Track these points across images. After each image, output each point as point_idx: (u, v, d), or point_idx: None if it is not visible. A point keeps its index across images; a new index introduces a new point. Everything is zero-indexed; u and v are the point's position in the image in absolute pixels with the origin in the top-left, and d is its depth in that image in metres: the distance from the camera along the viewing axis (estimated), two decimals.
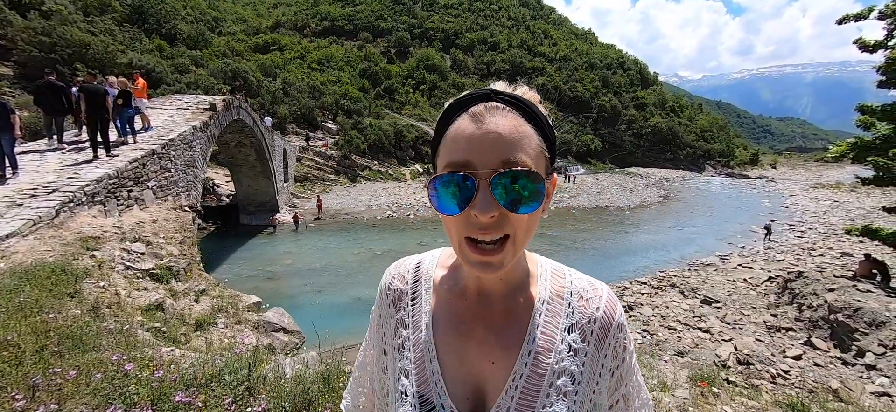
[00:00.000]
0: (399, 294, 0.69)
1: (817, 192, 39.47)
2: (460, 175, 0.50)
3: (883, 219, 16.49)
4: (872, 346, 7.54)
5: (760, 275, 13.27)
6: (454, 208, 0.51)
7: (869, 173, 11.75)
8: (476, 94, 0.54)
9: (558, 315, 0.61)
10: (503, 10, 78.46)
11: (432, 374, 0.60)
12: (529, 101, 0.54)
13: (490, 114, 0.51)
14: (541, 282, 0.64)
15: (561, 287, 0.63)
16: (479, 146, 0.50)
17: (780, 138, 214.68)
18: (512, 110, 0.52)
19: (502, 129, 0.50)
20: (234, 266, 14.82)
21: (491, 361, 0.59)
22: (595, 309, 0.61)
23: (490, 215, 0.49)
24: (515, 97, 0.53)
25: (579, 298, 0.62)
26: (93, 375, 2.31)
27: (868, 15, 10.87)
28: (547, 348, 0.58)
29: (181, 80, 30.30)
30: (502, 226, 0.50)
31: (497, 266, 0.52)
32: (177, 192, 9.82)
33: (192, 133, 11.01)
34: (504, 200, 0.49)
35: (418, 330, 0.65)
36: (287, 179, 25.57)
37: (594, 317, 0.61)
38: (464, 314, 0.62)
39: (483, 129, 0.50)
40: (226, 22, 52.17)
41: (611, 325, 0.61)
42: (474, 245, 0.51)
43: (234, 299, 5.79)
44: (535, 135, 0.52)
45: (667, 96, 79.51)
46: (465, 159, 0.50)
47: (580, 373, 0.58)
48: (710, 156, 69.24)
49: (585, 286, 0.64)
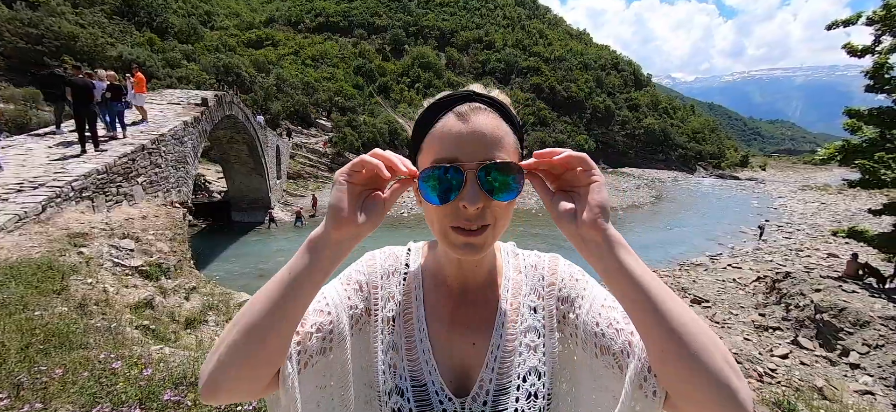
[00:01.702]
0: (393, 270, 0.72)
1: (805, 194, 40.16)
2: (451, 168, 0.54)
3: (868, 221, 16.84)
4: (856, 346, 7.70)
5: (749, 275, 13.46)
6: (442, 199, 0.55)
7: (856, 176, 11.97)
8: (458, 95, 0.59)
9: (520, 286, 0.70)
10: (499, 10, 78.45)
11: (423, 353, 0.65)
12: (505, 103, 0.61)
13: (474, 113, 0.56)
14: (504, 264, 0.72)
15: (518, 263, 0.73)
16: (466, 142, 0.55)
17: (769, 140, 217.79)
18: (492, 110, 0.58)
19: (486, 127, 0.56)
20: (226, 263, 14.68)
21: (472, 343, 0.66)
22: (543, 270, 0.72)
23: (477, 206, 0.54)
24: (494, 99, 0.59)
25: (533, 269, 0.72)
26: (79, 374, 2.27)
27: (856, 20, 11.07)
28: (514, 317, 0.68)
29: (172, 74, 29.85)
30: (484, 216, 0.56)
31: (479, 247, 0.57)
32: (167, 189, 9.69)
33: (184, 129, 10.86)
34: (488, 190, 0.54)
35: (407, 309, 0.69)
36: (280, 176, 25.36)
37: (543, 276, 0.71)
38: (447, 303, 0.69)
39: (470, 127, 0.56)
40: (218, 16, 51.47)
41: (556, 276, 0.70)
42: (459, 230, 0.57)
43: (226, 297, 5.73)
44: (511, 132, 0.59)
45: (660, 98, 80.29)
46: (453, 155, 0.55)
47: (542, 325, 0.68)
48: (702, 157, 70.15)
49: (533, 259, 0.74)
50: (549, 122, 57.35)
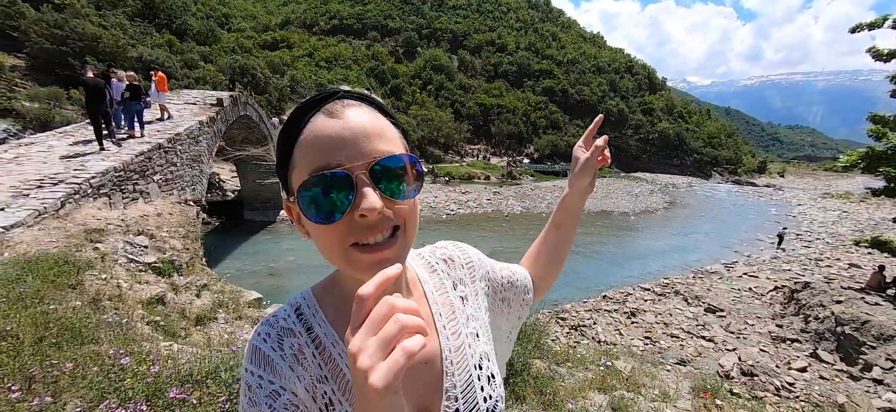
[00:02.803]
0: (298, 349, 0.56)
1: (826, 202, 38.98)
2: (336, 173, 0.46)
3: (892, 231, 16.24)
4: (880, 360, 7.40)
5: (766, 284, 13.10)
6: (333, 216, 0.47)
7: (880, 184, 11.56)
8: (324, 94, 0.52)
9: (442, 284, 0.68)
10: (512, 12, 78.31)
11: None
12: (376, 98, 0.55)
13: (348, 109, 0.49)
14: (416, 269, 0.68)
15: (426, 263, 0.71)
16: (345, 142, 0.47)
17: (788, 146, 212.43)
18: (365, 104, 0.52)
19: (365, 121, 0.49)
20: (237, 261, 14.89)
21: (423, 363, 0.59)
22: (454, 260, 0.72)
23: (378, 211, 0.46)
24: (364, 93, 0.54)
25: (443, 263, 0.71)
26: (89, 368, 2.30)
27: (882, 24, 10.71)
28: (452, 314, 0.66)
29: (190, 75, 30.51)
30: (390, 221, 0.49)
31: (394, 260, 0.48)
32: (182, 187, 9.87)
33: (199, 128, 11.07)
34: (386, 190, 0.48)
35: (340, 378, 0.55)
36: None
37: (461, 264, 0.72)
38: None
39: (343, 123, 0.48)
40: (235, 18, 52.52)
41: (471, 261, 0.74)
42: (363, 248, 0.48)
43: (236, 295, 5.79)
44: (392, 126, 0.53)
45: (675, 102, 78.96)
46: (336, 160, 0.47)
47: (474, 309, 0.69)
48: (718, 162, 68.66)
49: (441, 252, 0.73)
50: (562, 126, 56.88)
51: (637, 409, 2.75)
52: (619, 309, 11.10)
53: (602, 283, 14.06)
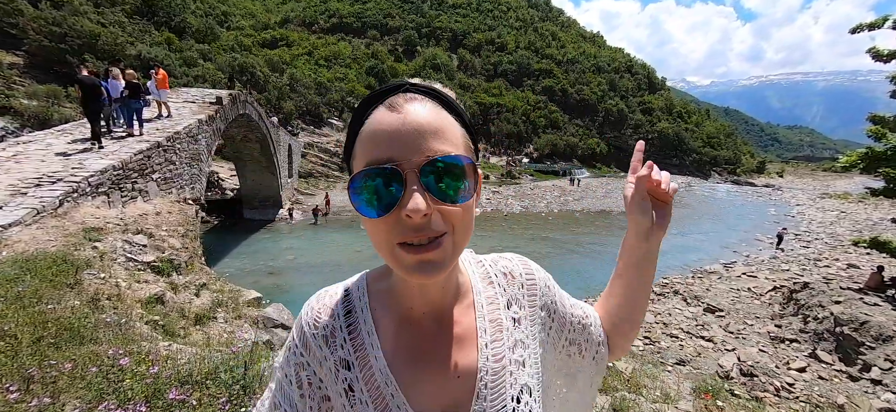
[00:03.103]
0: (331, 330, 0.58)
1: (824, 202, 39.06)
2: (386, 168, 0.45)
3: (891, 231, 16.27)
4: (879, 361, 7.42)
5: (765, 284, 13.12)
6: (380, 210, 0.46)
7: (879, 184, 11.57)
8: (390, 86, 0.50)
9: (495, 299, 0.63)
10: (511, 11, 78.26)
11: (399, 409, 0.54)
12: (446, 93, 0.52)
13: (409, 103, 0.48)
14: (471, 277, 0.64)
15: (485, 272, 0.66)
16: (401, 138, 0.46)
17: (787, 146, 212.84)
18: (430, 100, 0.50)
19: (424, 117, 0.47)
20: (236, 260, 14.87)
21: (456, 377, 0.57)
22: (518, 277, 0.66)
23: (422, 213, 0.44)
24: (433, 88, 0.51)
25: (503, 276, 0.65)
26: (88, 369, 2.29)
27: (882, 24, 10.71)
28: (498, 333, 0.60)
29: (189, 73, 30.43)
30: (436, 224, 0.46)
31: (438, 264, 0.47)
32: (181, 185, 9.84)
33: (198, 126, 11.03)
34: (436, 192, 0.46)
35: (366, 366, 0.56)
36: (291, 175, 25.63)
37: (521, 283, 0.65)
38: (415, 340, 0.57)
39: (403, 117, 0.46)
40: (234, 16, 52.40)
41: (534, 283, 0.66)
42: (409, 247, 0.47)
43: (235, 294, 5.78)
44: (457, 124, 0.50)
45: (674, 101, 79.03)
46: (387, 155, 0.46)
47: (526, 336, 0.62)
48: (717, 162, 68.78)
49: (503, 264, 0.67)
50: (561, 125, 56.89)
51: (639, 410, 2.74)
52: None
53: (602, 283, 14.00)
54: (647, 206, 0.67)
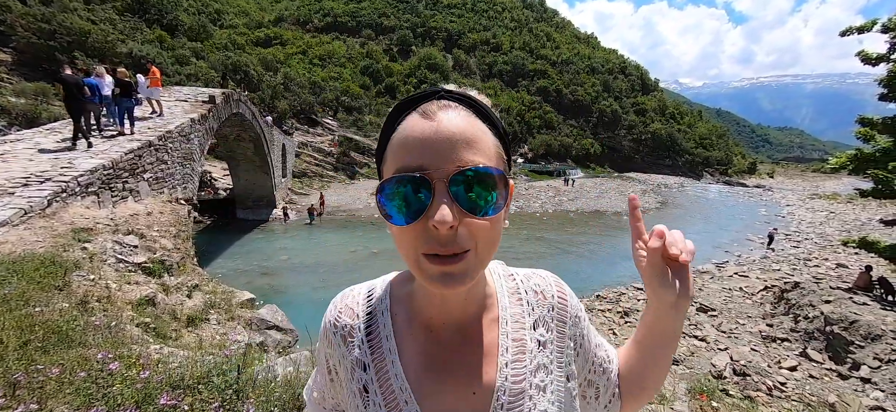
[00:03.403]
0: (349, 330, 0.59)
1: (814, 203, 39.63)
2: (414, 177, 0.45)
3: (879, 231, 16.55)
4: (868, 360, 7.53)
5: (757, 284, 13.26)
6: (407, 218, 0.46)
7: (867, 185, 11.75)
8: (425, 92, 0.50)
9: (521, 317, 0.60)
10: (506, 12, 78.43)
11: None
12: (482, 101, 0.51)
13: (443, 111, 0.47)
14: (498, 290, 0.61)
15: (515, 287, 0.63)
16: (433, 145, 0.45)
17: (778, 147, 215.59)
18: (465, 108, 0.49)
19: (457, 126, 0.46)
20: (229, 261, 14.73)
21: (472, 392, 0.55)
22: (550, 297, 0.63)
23: (449, 225, 0.44)
24: (468, 95, 0.50)
25: (534, 294, 0.62)
26: (76, 373, 2.24)
27: (871, 28, 10.88)
28: (520, 354, 0.58)
29: (181, 71, 30.11)
30: (462, 239, 0.45)
31: (460, 277, 0.46)
32: (173, 185, 9.73)
33: (191, 125, 10.91)
34: (464, 203, 0.45)
35: (382, 371, 0.56)
36: (285, 175, 25.46)
37: (552, 305, 0.62)
38: (433, 349, 0.56)
39: (436, 125, 0.46)
40: (228, 14, 51.94)
41: (566, 309, 0.63)
42: (433, 257, 0.46)
43: (228, 295, 5.71)
44: (491, 134, 0.49)
45: (667, 103, 79.72)
46: (417, 163, 0.45)
47: (551, 362, 0.59)
48: (709, 163, 69.51)
49: (536, 280, 0.64)
50: (556, 126, 57.12)
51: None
52: (612, 308, 11.17)
53: (596, 283, 14.14)
54: (667, 277, 0.57)
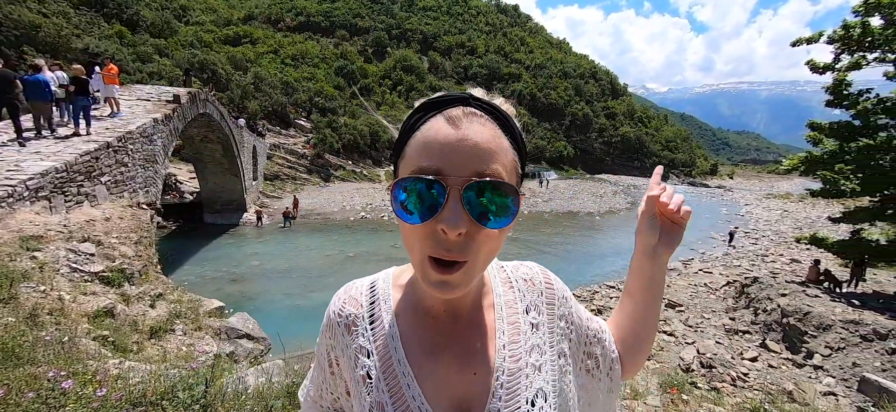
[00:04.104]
0: (353, 319, 0.62)
1: (769, 202, 42.16)
2: (430, 180, 0.46)
3: (827, 228, 17.78)
4: (820, 348, 8.05)
5: (719, 279, 13.94)
6: (418, 217, 0.47)
7: (817, 186, 12.60)
8: (453, 97, 0.50)
9: (514, 303, 0.64)
10: (481, 16, 79.20)
11: (413, 400, 0.55)
12: (507, 113, 0.52)
13: (468, 119, 0.48)
14: (492, 281, 0.65)
15: (506, 277, 0.67)
16: (453, 152, 0.46)
17: (736, 150, 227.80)
18: (490, 119, 0.49)
19: (480, 137, 0.47)
20: (197, 268, 14.09)
21: (473, 373, 0.58)
22: (538, 284, 0.67)
23: (458, 231, 0.45)
24: (495, 106, 0.51)
25: (523, 282, 0.66)
26: (24, 394, 2.06)
27: (818, 39, 11.68)
28: (516, 336, 0.61)
29: (143, 69, 28.64)
30: (467, 249, 0.47)
31: (455, 286, 0.49)
32: (134, 189, 9.21)
33: (153, 126, 10.38)
34: (474, 212, 0.46)
35: (385, 357, 0.59)
36: (256, 178, 24.66)
37: (541, 290, 0.66)
38: (434, 335, 0.59)
39: (460, 134, 0.47)
40: (194, 11, 49.83)
41: (553, 292, 0.67)
42: (436, 263, 0.48)
43: (195, 304, 5.45)
44: (511, 148, 0.51)
45: (635, 107, 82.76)
46: (436, 166, 0.46)
47: (544, 342, 0.63)
48: (675, 165, 72.71)
49: (523, 270, 0.68)
50: (530, 129, 58.14)
51: None
52: (586, 306, 11.43)
53: (570, 282, 14.32)
54: (656, 224, 0.67)
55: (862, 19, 10.61)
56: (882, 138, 11.18)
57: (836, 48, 11.32)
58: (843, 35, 10.91)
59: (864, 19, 10.59)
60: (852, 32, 10.69)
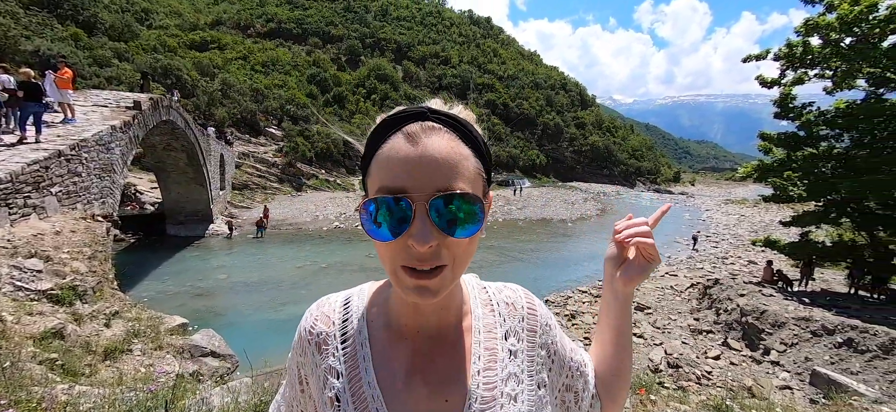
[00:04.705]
0: (324, 337, 0.60)
1: (728, 207, 44.64)
2: (400, 199, 0.47)
3: (779, 231, 19.01)
4: (776, 345, 8.54)
5: (684, 282, 14.56)
6: (388, 234, 0.48)
7: (769, 192, 13.47)
8: (411, 112, 0.50)
9: (493, 327, 0.62)
10: (455, 27, 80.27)
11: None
12: (466, 121, 0.52)
13: (426, 134, 0.48)
14: (472, 301, 0.64)
15: (487, 299, 0.65)
16: (415, 169, 0.47)
17: (697, 159, 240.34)
18: (449, 131, 0.50)
19: (439, 151, 0.48)
20: (158, 283, 13.35)
21: (444, 400, 0.56)
22: (520, 309, 0.65)
23: (428, 245, 0.46)
24: (452, 117, 0.51)
25: (505, 305, 0.65)
26: None
27: (766, 56, 12.60)
28: (492, 362, 0.59)
29: (101, 74, 27.15)
30: (440, 256, 0.48)
31: (434, 291, 0.49)
32: (89, 200, 8.66)
33: (111, 133, 9.83)
34: (443, 225, 0.47)
35: (355, 378, 0.57)
36: (223, 187, 23.75)
37: (522, 316, 0.64)
38: (407, 356, 0.58)
39: (419, 150, 0.47)
40: (157, 14, 47.80)
41: (536, 318, 0.65)
42: (411, 271, 0.48)
43: (155, 321, 5.15)
44: (473, 156, 0.50)
45: (603, 117, 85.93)
46: (400, 184, 0.47)
47: (522, 371, 0.61)
48: (641, 173, 75.89)
49: (507, 293, 0.66)
50: (504, 138, 59.14)
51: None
52: (560, 312, 11.66)
53: (544, 288, 14.69)
54: (616, 256, 0.70)
55: (803, 39, 11.54)
56: (824, 148, 12.12)
57: (782, 65, 12.24)
58: (787, 53, 11.81)
59: (805, 39, 11.52)
60: (795, 51, 11.59)
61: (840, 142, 12.08)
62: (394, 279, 0.51)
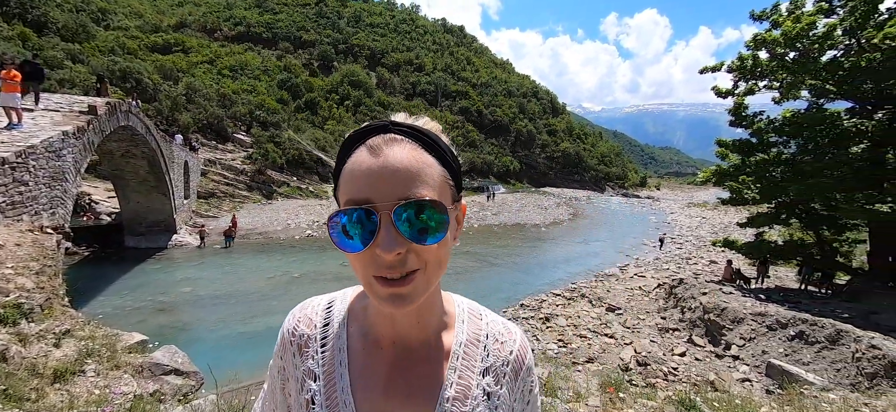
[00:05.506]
0: (305, 340, 0.61)
1: (690, 210, 46.88)
2: (361, 210, 0.48)
3: (737, 232, 20.16)
4: (736, 340, 9.01)
5: (652, 282, 15.15)
6: (357, 245, 0.49)
7: (726, 195, 14.28)
8: (374, 126, 0.52)
9: (474, 359, 0.61)
10: (428, 35, 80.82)
11: None
12: (430, 131, 0.53)
13: (388, 146, 0.49)
14: (458, 324, 0.63)
15: (478, 329, 0.64)
16: (378, 180, 0.48)
17: (661, 164, 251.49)
18: (411, 141, 0.51)
19: (401, 161, 0.49)
20: (115, 298, 12.55)
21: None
22: (509, 352, 0.63)
23: (395, 253, 0.47)
24: (415, 128, 0.52)
25: (495, 341, 0.63)
26: None
27: (720, 68, 13.43)
28: (463, 395, 0.58)
29: (51, 76, 25.42)
30: (410, 262, 0.49)
31: (408, 297, 0.49)
32: (36, 211, 8.07)
33: (62, 140, 9.22)
34: (408, 233, 0.47)
35: (330, 383, 0.58)
36: (188, 195, 22.72)
37: (507, 360, 0.62)
38: (380, 367, 0.58)
39: (381, 161, 0.48)
40: (116, 14, 45.45)
41: (522, 368, 0.63)
42: (383, 280, 0.49)
43: (111, 340, 4.84)
44: (437, 164, 0.51)
45: (573, 124, 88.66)
46: (364, 196, 0.48)
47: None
48: (610, 178, 78.66)
49: (501, 329, 0.65)
50: (478, 144, 59.83)
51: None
52: (535, 315, 11.84)
53: (519, 292, 14.88)
54: None
55: (753, 52, 12.39)
56: (774, 154, 12.99)
57: (735, 76, 13.09)
58: (739, 65, 12.64)
59: (754, 52, 12.38)
60: (746, 63, 12.43)
61: (788, 148, 13.01)
62: (368, 290, 0.51)
